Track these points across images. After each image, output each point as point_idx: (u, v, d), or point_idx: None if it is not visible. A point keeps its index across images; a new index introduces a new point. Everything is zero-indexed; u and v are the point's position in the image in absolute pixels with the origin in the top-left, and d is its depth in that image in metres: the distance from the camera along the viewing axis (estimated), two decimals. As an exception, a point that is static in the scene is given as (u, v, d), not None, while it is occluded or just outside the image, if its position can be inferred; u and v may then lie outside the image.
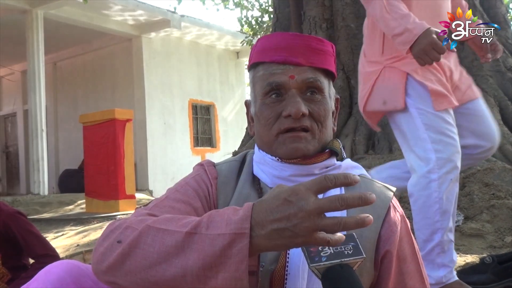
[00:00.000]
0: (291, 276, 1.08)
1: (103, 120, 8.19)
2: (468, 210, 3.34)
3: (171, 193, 1.19)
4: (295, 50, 1.16)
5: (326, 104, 1.19)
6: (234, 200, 1.20)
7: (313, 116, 1.16)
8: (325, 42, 1.20)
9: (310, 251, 0.87)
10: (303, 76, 1.15)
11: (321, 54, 1.18)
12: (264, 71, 1.18)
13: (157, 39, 12.08)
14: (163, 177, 11.69)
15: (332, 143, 1.21)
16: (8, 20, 10.28)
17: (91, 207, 8.24)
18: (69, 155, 12.70)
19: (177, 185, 1.23)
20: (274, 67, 1.17)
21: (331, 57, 1.22)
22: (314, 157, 1.17)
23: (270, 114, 1.17)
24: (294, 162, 1.16)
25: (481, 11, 5.41)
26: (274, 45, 1.18)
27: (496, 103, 4.65)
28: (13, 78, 13.41)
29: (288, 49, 1.16)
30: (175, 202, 1.15)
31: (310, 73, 1.16)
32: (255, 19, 13.33)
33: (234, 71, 14.41)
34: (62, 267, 1.17)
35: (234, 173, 1.25)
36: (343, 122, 4.79)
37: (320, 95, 1.18)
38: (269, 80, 1.16)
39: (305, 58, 1.16)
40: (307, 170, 1.17)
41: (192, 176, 1.25)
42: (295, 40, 1.17)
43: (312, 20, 5.32)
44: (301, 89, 1.16)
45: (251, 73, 1.24)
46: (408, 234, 1.20)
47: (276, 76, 1.16)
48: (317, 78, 1.16)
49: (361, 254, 0.87)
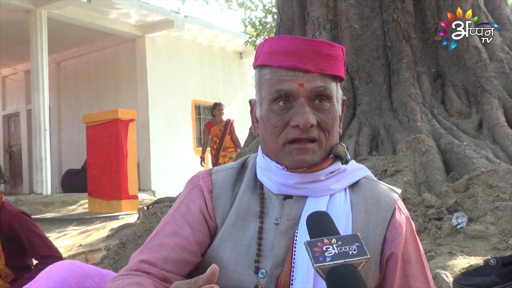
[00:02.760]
0: (297, 282, 1.08)
1: (106, 120, 8.21)
2: (472, 212, 3.32)
3: (160, 228, 1.21)
4: (305, 56, 1.12)
5: (334, 112, 1.17)
6: (235, 209, 1.20)
7: (321, 126, 1.14)
8: (335, 46, 1.17)
9: (315, 251, 0.86)
10: (313, 85, 1.12)
11: (331, 59, 1.15)
12: (272, 75, 1.15)
13: (160, 39, 12.08)
14: (166, 177, 11.70)
15: (337, 147, 1.20)
16: (12, 20, 10.31)
17: (93, 207, 8.26)
18: (72, 155, 12.72)
19: (168, 214, 1.24)
20: (282, 73, 1.13)
21: (341, 62, 1.19)
22: (319, 164, 1.15)
23: (277, 122, 1.14)
24: (300, 171, 1.15)
25: (486, 12, 5.40)
26: (284, 49, 1.14)
27: (500, 105, 4.63)
28: (17, 78, 13.44)
29: (298, 54, 1.12)
30: (164, 237, 1.17)
31: (320, 81, 1.13)
32: (258, 20, 13.32)
33: (237, 71, 14.40)
34: (64, 267, 1.17)
35: (231, 182, 1.24)
36: (346, 123, 4.78)
37: (329, 102, 1.15)
38: (277, 87, 1.13)
39: (315, 64, 1.12)
40: (312, 178, 1.16)
41: (181, 200, 1.25)
42: (305, 45, 1.13)
43: (316, 20, 5.31)
44: (310, 97, 1.13)
45: (256, 73, 1.21)
46: (413, 236, 1.19)
47: (284, 84, 1.12)
48: (326, 86, 1.14)
49: (365, 254, 0.87)
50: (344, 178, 1.19)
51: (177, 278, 1.12)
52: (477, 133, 4.52)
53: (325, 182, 1.16)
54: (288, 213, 1.16)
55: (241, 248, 1.15)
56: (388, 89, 4.93)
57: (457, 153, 4.10)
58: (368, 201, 1.17)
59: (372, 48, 5.08)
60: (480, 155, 4.03)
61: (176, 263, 1.14)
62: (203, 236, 1.18)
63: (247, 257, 1.14)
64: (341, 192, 1.17)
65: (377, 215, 1.16)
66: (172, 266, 1.13)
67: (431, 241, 3.18)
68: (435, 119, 4.64)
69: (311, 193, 1.16)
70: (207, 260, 1.17)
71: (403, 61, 4.91)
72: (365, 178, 1.23)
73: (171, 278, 1.11)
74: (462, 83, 4.93)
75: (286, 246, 1.13)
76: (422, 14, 5.27)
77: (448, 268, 2.68)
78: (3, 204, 2.79)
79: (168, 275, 1.12)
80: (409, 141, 4.27)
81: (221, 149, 8.51)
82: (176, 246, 1.15)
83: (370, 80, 4.99)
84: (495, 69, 4.90)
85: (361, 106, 4.91)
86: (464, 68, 4.94)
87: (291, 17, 5.82)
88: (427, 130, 4.42)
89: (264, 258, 1.13)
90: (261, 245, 1.14)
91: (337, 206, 1.14)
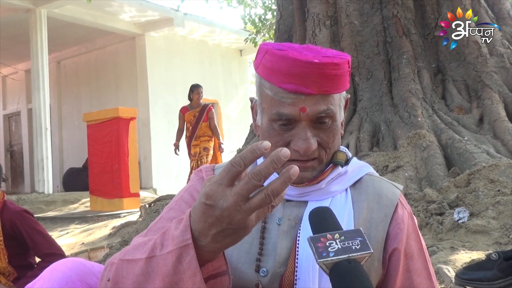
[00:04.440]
0: (301, 281, 1.08)
1: (107, 119, 8.21)
2: (473, 206, 3.33)
3: (164, 213, 1.20)
4: (308, 79, 1.05)
5: (336, 129, 1.13)
6: None
7: (321, 145, 1.12)
8: (341, 64, 1.08)
9: (318, 246, 0.86)
10: (314, 110, 1.07)
11: (336, 79, 1.08)
12: (273, 94, 1.10)
13: (160, 37, 12.07)
14: (167, 175, 11.70)
15: (336, 156, 1.17)
16: (12, 19, 10.30)
17: (95, 205, 8.26)
18: (73, 153, 12.72)
19: (172, 201, 1.23)
20: (284, 95, 1.08)
21: (346, 76, 1.13)
22: (319, 176, 1.15)
23: (278, 141, 1.12)
24: (301, 186, 1.15)
25: (486, 7, 5.40)
26: (285, 70, 1.06)
27: (501, 99, 4.63)
28: (17, 77, 13.44)
29: (300, 77, 1.05)
30: (168, 221, 1.14)
31: (322, 104, 1.08)
32: (258, 17, 13.30)
33: (237, 69, 14.39)
34: (68, 265, 1.17)
35: None
36: (347, 119, 4.78)
37: (331, 120, 1.11)
38: (278, 109, 1.09)
39: (318, 87, 1.06)
40: (313, 188, 1.16)
41: (186, 189, 1.25)
42: (308, 68, 1.05)
43: (315, 17, 5.31)
44: (312, 120, 1.09)
45: (257, 77, 1.16)
46: (415, 231, 1.19)
47: (285, 108, 1.08)
48: (329, 108, 1.09)
49: (368, 249, 0.87)
50: (345, 180, 1.18)
51: None
52: (478, 128, 4.53)
53: (326, 187, 1.16)
54: (289, 214, 1.16)
55: (244, 246, 1.15)
56: (388, 85, 4.93)
57: (458, 148, 4.11)
58: (370, 198, 1.17)
59: (372, 44, 5.08)
60: (481, 150, 4.03)
61: None
62: None
63: (248, 255, 1.14)
64: (342, 191, 1.18)
65: (379, 212, 1.16)
66: None
67: (432, 236, 3.19)
68: (436, 114, 4.64)
69: (313, 198, 1.16)
70: None
71: (403, 56, 4.91)
72: (367, 175, 1.23)
73: None
74: (462, 78, 4.93)
75: (289, 246, 1.13)
76: (422, 9, 5.27)
77: (450, 262, 2.68)
78: (5, 203, 2.80)
79: None
80: (410, 137, 4.27)
81: (193, 138, 7.55)
82: None
83: (370, 76, 4.99)
84: (495, 64, 4.90)
85: (362, 102, 4.91)
86: (465, 63, 4.94)
87: (291, 14, 5.82)
88: (428, 126, 4.42)
89: (266, 257, 1.13)
90: (263, 244, 1.14)
91: (339, 204, 1.14)
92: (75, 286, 1.14)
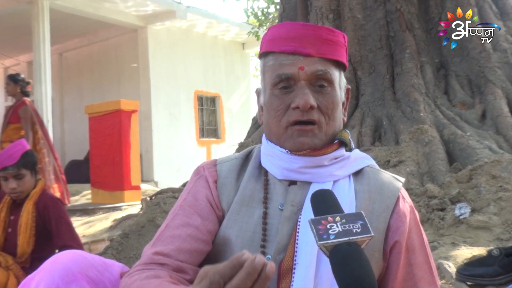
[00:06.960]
0: (300, 266, 1.08)
1: (109, 111, 8.21)
2: (475, 202, 3.32)
3: (170, 220, 1.21)
4: (305, 41, 1.14)
5: (335, 96, 1.18)
6: (239, 196, 1.21)
7: (321, 109, 1.15)
8: (336, 32, 1.19)
9: (318, 228, 0.87)
10: (313, 68, 1.14)
11: (332, 44, 1.17)
12: (274, 61, 1.17)
13: (162, 30, 12.04)
14: (169, 168, 11.71)
15: (341, 133, 1.21)
16: (14, 10, 10.28)
17: (96, 197, 8.28)
18: (75, 146, 12.72)
19: (176, 206, 1.25)
20: (283, 58, 1.15)
21: (342, 48, 1.20)
22: (323, 149, 1.17)
23: (279, 105, 1.17)
24: (303, 154, 1.16)
25: (489, 2, 5.37)
26: (284, 35, 1.16)
27: (503, 95, 4.61)
28: (19, 69, 13.40)
29: (298, 39, 1.15)
30: (175, 229, 1.17)
31: (320, 65, 1.15)
32: (261, 10, 13.29)
33: (239, 62, 14.37)
34: (68, 256, 1.18)
35: (235, 171, 1.25)
36: (349, 113, 4.77)
37: (330, 87, 1.17)
38: (278, 71, 1.15)
39: (315, 48, 1.14)
40: (316, 162, 1.16)
41: (188, 191, 1.26)
42: (305, 30, 1.16)
43: (318, 10, 5.29)
44: (311, 81, 1.15)
45: (261, 62, 1.23)
46: (417, 225, 1.19)
47: (285, 68, 1.15)
48: (327, 70, 1.15)
49: (369, 232, 0.87)
50: (347, 165, 1.20)
51: (191, 268, 1.13)
52: (480, 124, 4.51)
53: (329, 168, 1.17)
54: (292, 199, 1.17)
55: (247, 234, 1.16)
56: (391, 79, 4.91)
57: (460, 144, 4.10)
58: (371, 189, 1.18)
59: (375, 38, 5.06)
60: (483, 145, 4.02)
61: (190, 253, 1.14)
62: (213, 225, 1.19)
63: (253, 243, 1.15)
64: (345, 179, 1.18)
65: (381, 203, 1.17)
66: (186, 256, 1.14)
67: (434, 232, 3.18)
68: (438, 109, 4.63)
69: (315, 179, 1.17)
70: (214, 248, 1.19)
71: (406, 51, 4.89)
72: (369, 167, 1.24)
73: (186, 269, 1.12)
74: (465, 74, 4.91)
75: (289, 232, 1.13)
76: (425, 4, 5.25)
77: (451, 258, 2.68)
78: (44, 191, 3.03)
79: (183, 265, 1.12)
80: (412, 132, 4.27)
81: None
82: (188, 236, 1.15)
83: (373, 70, 4.98)
84: (498, 59, 4.88)
85: (364, 96, 4.90)
86: (468, 58, 4.92)
87: (294, 7, 5.80)
88: (430, 121, 4.41)
89: (270, 243, 1.14)
90: (266, 230, 1.15)
91: (341, 192, 1.15)
92: (75, 277, 1.15)
